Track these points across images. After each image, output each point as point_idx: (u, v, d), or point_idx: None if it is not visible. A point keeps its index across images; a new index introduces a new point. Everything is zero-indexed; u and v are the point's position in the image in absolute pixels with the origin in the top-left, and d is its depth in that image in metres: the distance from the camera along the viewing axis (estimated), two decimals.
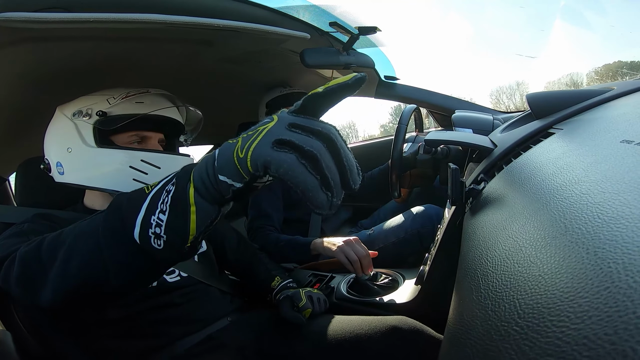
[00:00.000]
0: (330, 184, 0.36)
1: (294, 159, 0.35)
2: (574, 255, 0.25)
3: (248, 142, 0.37)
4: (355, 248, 1.05)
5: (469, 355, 0.29)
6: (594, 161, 0.39)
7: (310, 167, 0.35)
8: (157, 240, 0.43)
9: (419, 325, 0.75)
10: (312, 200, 0.35)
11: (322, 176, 0.35)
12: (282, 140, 0.36)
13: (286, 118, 0.38)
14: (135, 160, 0.77)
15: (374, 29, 1.10)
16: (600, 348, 0.18)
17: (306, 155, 0.35)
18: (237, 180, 0.39)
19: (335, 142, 0.37)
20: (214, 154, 0.41)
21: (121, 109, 0.79)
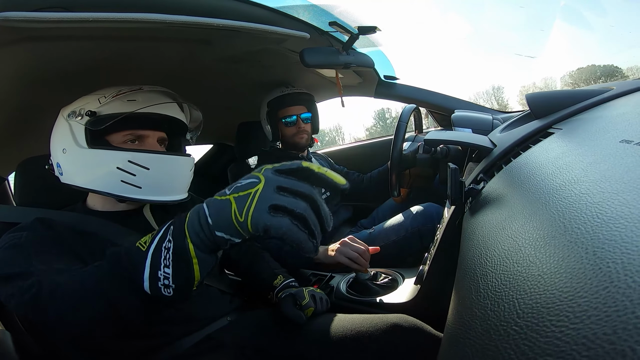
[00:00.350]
0: (315, 234, 0.46)
1: (288, 222, 0.44)
2: (573, 255, 0.25)
3: (245, 207, 0.45)
4: (352, 246, 1.07)
5: (468, 355, 0.29)
6: (593, 161, 0.39)
7: (300, 226, 0.44)
8: (166, 290, 0.50)
9: (420, 324, 0.76)
10: (303, 249, 0.45)
11: (310, 230, 0.45)
12: (276, 205, 0.44)
13: (273, 180, 0.46)
14: (122, 161, 0.74)
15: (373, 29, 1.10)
16: (599, 348, 0.18)
17: (297, 217, 0.44)
18: (236, 237, 0.48)
19: (316, 201, 0.46)
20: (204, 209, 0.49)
21: (111, 108, 0.76)
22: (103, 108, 0.76)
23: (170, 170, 0.79)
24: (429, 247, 0.99)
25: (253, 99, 1.57)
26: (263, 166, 0.50)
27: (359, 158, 2.07)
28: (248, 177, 0.49)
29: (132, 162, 0.74)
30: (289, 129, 1.50)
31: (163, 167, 0.78)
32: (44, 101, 0.88)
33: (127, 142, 0.79)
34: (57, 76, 0.94)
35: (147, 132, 0.81)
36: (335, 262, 1.08)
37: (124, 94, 0.78)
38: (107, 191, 0.75)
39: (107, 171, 0.74)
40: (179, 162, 0.81)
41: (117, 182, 0.74)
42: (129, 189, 0.74)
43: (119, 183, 0.74)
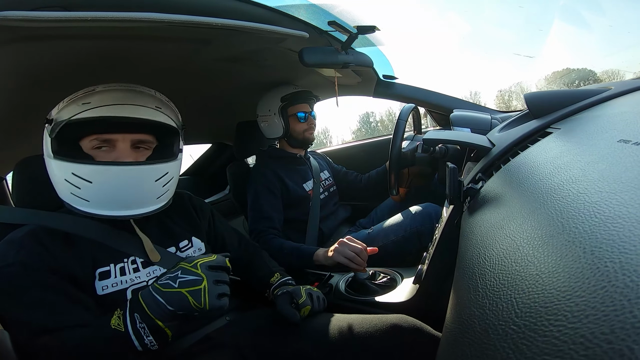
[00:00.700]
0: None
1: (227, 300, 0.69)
2: (571, 255, 0.25)
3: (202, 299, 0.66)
4: (350, 246, 1.07)
5: (467, 354, 0.29)
6: (591, 161, 0.39)
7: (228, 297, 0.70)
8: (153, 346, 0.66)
9: (419, 324, 0.76)
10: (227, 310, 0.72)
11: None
12: (220, 294, 0.68)
13: (211, 276, 0.68)
14: (67, 174, 0.70)
15: (372, 28, 1.10)
16: (597, 347, 0.18)
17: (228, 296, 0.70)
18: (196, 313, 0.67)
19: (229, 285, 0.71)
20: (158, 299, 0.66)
21: (66, 113, 0.71)
22: (60, 114, 0.72)
23: (121, 182, 0.72)
24: (428, 246, 0.99)
25: (252, 98, 1.56)
26: (196, 261, 0.69)
27: (357, 157, 2.07)
28: (187, 272, 0.68)
29: (75, 174, 0.69)
30: (301, 125, 1.51)
31: (109, 180, 0.70)
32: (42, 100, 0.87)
33: (95, 147, 0.74)
34: (55, 75, 0.94)
35: (113, 136, 0.74)
36: (335, 263, 1.09)
37: (78, 97, 0.73)
38: (66, 201, 0.73)
39: (60, 182, 0.72)
40: (134, 172, 0.73)
41: (68, 193, 0.72)
42: (79, 202, 0.72)
43: (69, 195, 0.72)
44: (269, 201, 1.39)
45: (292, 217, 1.45)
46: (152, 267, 0.79)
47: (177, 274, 0.67)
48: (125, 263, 0.77)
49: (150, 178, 0.75)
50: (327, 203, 1.57)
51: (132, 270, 0.77)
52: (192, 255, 0.87)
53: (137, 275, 0.77)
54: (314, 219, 1.47)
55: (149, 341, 0.65)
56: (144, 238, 0.80)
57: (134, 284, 0.76)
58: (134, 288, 0.75)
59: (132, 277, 0.76)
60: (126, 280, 0.75)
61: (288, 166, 1.52)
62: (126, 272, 0.76)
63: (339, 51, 1.15)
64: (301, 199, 1.46)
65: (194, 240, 0.90)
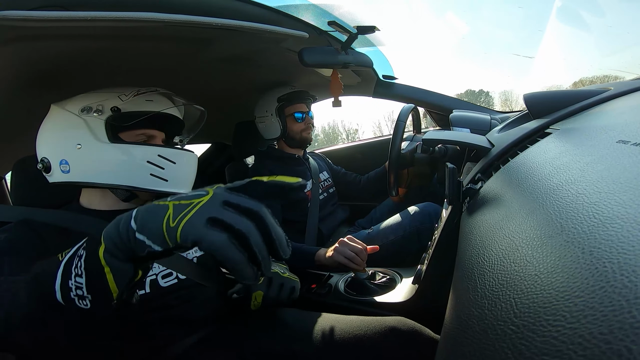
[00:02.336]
0: (258, 259, 0.39)
1: (224, 239, 0.38)
2: (569, 255, 0.25)
3: (181, 214, 0.40)
4: (350, 245, 1.07)
5: (466, 354, 0.29)
6: (590, 161, 0.39)
7: (239, 245, 0.38)
8: (82, 301, 0.45)
9: (417, 326, 0.76)
10: (239, 274, 0.39)
11: (251, 253, 0.39)
12: (215, 218, 0.39)
13: (221, 195, 0.41)
14: (153, 155, 0.77)
15: (372, 29, 1.10)
16: (595, 347, 0.18)
17: (237, 234, 0.39)
18: (158, 244, 0.41)
19: (265, 219, 0.41)
20: (130, 212, 0.44)
21: (134, 106, 0.79)
22: (126, 105, 0.78)
23: (188, 165, 0.83)
24: (427, 246, 0.99)
25: (251, 98, 1.56)
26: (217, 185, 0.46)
27: (357, 158, 2.07)
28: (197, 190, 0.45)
29: (162, 156, 0.78)
30: (298, 125, 1.51)
31: (185, 162, 0.81)
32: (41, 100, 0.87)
33: (139, 140, 0.81)
34: (54, 75, 0.93)
35: (156, 132, 0.84)
36: (335, 263, 1.09)
37: (143, 94, 0.81)
38: (132, 185, 0.76)
39: (136, 165, 0.76)
40: (193, 158, 0.85)
41: (145, 175, 0.77)
42: (156, 182, 0.77)
43: (148, 176, 0.77)
44: (268, 201, 1.39)
45: (290, 217, 1.45)
46: None
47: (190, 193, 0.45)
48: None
49: (193, 164, 0.86)
50: (326, 204, 1.57)
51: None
52: (193, 253, 0.87)
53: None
54: (313, 219, 1.47)
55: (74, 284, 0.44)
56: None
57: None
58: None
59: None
60: None
61: (286, 167, 1.52)
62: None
63: (338, 51, 1.15)
64: (299, 200, 1.46)
65: None
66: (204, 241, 0.38)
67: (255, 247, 0.39)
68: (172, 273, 0.81)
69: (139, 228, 0.42)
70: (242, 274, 0.39)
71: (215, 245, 0.38)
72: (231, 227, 0.38)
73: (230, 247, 0.38)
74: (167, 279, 0.80)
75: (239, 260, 0.38)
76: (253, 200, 0.42)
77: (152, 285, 0.77)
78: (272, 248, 0.41)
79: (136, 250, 0.42)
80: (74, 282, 0.44)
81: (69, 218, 0.76)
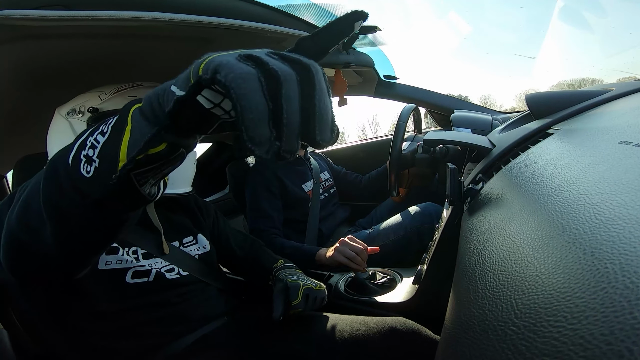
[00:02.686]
0: (282, 121, 0.28)
1: (250, 70, 0.28)
2: (570, 256, 0.25)
3: (216, 53, 0.31)
4: (351, 245, 1.07)
5: (466, 355, 0.29)
6: (591, 162, 0.39)
7: (266, 89, 0.28)
8: (87, 166, 0.38)
9: (417, 327, 0.76)
10: (250, 130, 0.27)
11: (277, 106, 0.28)
12: (250, 55, 0.30)
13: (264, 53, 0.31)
14: None
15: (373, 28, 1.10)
16: (596, 348, 0.18)
17: (268, 74, 0.28)
18: (182, 88, 0.33)
19: (314, 76, 0.30)
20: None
21: (113, 104, 0.77)
22: (105, 104, 0.76)
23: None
24: (428, 246, 0.99)
25: None
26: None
27: (357, 158, 2.07)
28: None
29: None
30: None
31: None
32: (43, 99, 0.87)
33: None
34: (56, 74, 0.94)
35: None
36: (336, 262, 1.09)
37: (125, 90, 0.78)
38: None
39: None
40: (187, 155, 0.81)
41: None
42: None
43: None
44: (269, 201, 1.40)
45: (291, 217, 1.45)
46: (153, 259, 0.79)
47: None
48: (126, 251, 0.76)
49: (191, 160, 0.84)
50: (326, 204, 1.57)
51: (133, 259, 0.76)
52: (196, 251, 0.88)
53: (138, 262, 0.76)
54: (313, 219, 1.47)
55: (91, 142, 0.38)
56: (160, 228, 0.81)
57: (137, 267, 0.75)
58: (135, 270, 0.74)
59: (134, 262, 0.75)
60: (131, 260, 0.74)
61: (287, 166, 1.52)
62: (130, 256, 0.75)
63: (340, 51, 1.15)
64: (300, 200, 1.46)
65: (200, 237, 0.90)
66: (226, 67, 0.28)
67: (285, 101, 0.28)
68: (175, 269, 0.81)
69: (175, 81, 0.35)
70: (254, 130, 0.28)
71: (235, 72, 0.28)
72: (265, 64, 0.28)
73: (254, 81, 0.28)
74: (170, 274, 0.80)
75: (257, 106, 0.27)
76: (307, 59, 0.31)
77: (156, 276, 0.77)
78: (308, 121, 0.29)
79: (165, 103, 0.35)
80: (94, 139, 0.38)
81: None
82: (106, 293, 0.69)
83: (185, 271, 0.82)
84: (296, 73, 0.29)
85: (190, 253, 0.86)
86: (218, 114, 0.34)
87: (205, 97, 0.33)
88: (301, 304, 0.82)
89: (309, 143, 0.30)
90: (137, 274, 0.75)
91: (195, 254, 0.87)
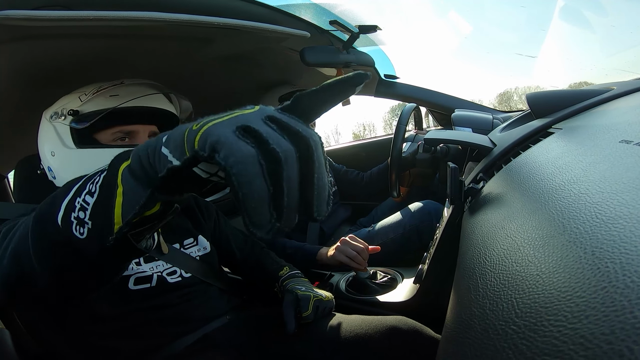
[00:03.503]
0: (282, 203, 0.28)
1: (251, 152, 0.27)
2: (571, 255, 0.25)
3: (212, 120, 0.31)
4: (352, 244, 1.07)
5: (467, 354, 0.29)
6: (592, 161, 0.39)
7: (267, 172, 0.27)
8: (79, 228, 0.38)
9: (419, 326, 0.76)
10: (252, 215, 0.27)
11: (277, 189, 0.28)
12: (248, 127, 0.29)
13: (268, 110, 0.32)
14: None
15: (374, 28, 1.10)
16: (597, 347, 0.18)
17: (269, 154, 0.27)
18: (176, 156, 0.32)
19: (314, 152, 0.29)
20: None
21: (93, 105, 0.73)
22: (85, 106, 0.73)
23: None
24: (428, 245, 0.99)
25: (253, 97, 1.57)
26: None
27: (358, 157, 2.07)
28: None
29: None
30: None
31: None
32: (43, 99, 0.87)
33: (116, 139, 0.75)
34: (56, 74, 0.94)
35: (136, 128, 0.76)
36: (337, 262, 1.09)
37: (106, 90, 0.75)
38: None
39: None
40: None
41: None
42: None
43: None
44: None
45: None
46: (155, 262, 0.79)
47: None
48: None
49: None
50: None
51: (135, 264, 0.76)
52: (197, 253, 0.87)
53: (139, 268, 0.76)
54: None
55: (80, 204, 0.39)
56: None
57: (138, 273, 0.75)
58: (137, 277, 0.74)
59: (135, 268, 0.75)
60: (131, 268, 0.74)
61: None
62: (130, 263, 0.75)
63: (340, 51, 1.15)
64: None
65: (200, 239, 0.90)
66: (225, 146, 0.27)
67: (286, 183, 0.27)
68: (177, 271, 0.81)
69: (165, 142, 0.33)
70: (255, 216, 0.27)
71: (236, 155, 0.27)
72: (265, 143, 0.28)
73: (254, 166, 0.27)
74: (172, 276, 0.80)
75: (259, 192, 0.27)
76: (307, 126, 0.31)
77: (158, 281, 0.77)
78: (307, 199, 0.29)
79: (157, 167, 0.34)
80: (82, 200, 0.38)
81: None
82: (107, 298, 0.68)
83: (187, 273, 0.82)
84: (296, 148, 0.29)
85: (191, 255, 0.86)
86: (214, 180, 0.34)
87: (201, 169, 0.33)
88: (311, 315, 0.82)
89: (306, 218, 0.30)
90: (139, 281, 0.74)
91: (196, 255, 0.87)
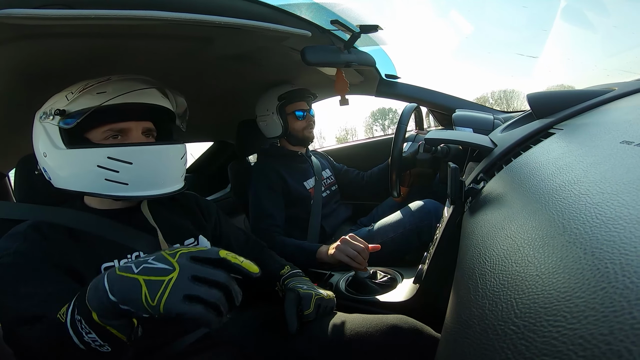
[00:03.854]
0: (224, 315, 0.49)
1: (201, 310, 0.46)
2: (571, 255, 0.25)
3: (158, 293, 0.46)
4: (352, 244, 1.06)
5: (466, 354, 0.29)
6: (593, 162, 0.39)
7: (212, 310, 0.47)
8: (103, 347, 0.52)
9: (419, 325, 0.76)
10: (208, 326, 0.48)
11: (219, 312, 0.48)
12: (191, 296, 0.46)
13: (188, 269, 0.47)
14: (102, 158, 0.68)
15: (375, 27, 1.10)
16: (595, 348, 0.18)
17: (211, 306, 0.47)
18: (144, 314, 0.48)
19: (231, 288, 0.50)
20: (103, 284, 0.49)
21: (80, 104, 0.71)
22: (72, 105, 0.71)
23: (157, 161, 0.74)
24: (428, 244, 0.99)
25: (253, 96, 1.57)
26: (178, 250, 0.50)
27: (359, 157, 2.07)
28: (160, 259, 0.49)
29: (112, 158, 0.69)
30: (300, 123, 1.51)
31: (148, 159, 0.72)
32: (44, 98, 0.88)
33: (108, 137, 0.74)
34: (57, 73, 0.94)
35: (128, 125, 0.75)
36: (337, 261, 1.09)
37: (92, 87, 0.73)
38: (94, 192, 0.70)
39: (88, 170, 0.69)
40: (166, 152, 0.75)
41: (101, 180, 0.69)
42: (115, 187, 0.70)
43: (104, 182, 0.69)
44: (271, 199, 1.40)
45: (293, 214, 1.45)
46: None
47: (148, 259, 0.50)
48: (129, 259, 0.75)
49: (177, 156, 0.78)
50: (328, 201, 1.57)
51: None
52: None
53: None
54: (315, 216, 1.47)
55: (90, 339, 0.51)
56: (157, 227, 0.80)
57: None
58: None
59: None
60: None
61: (289, 164, 1.52)
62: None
63: (341, 50, 1.14)
64: (302, 197, 1.47)
65: (201, 239, 0.90)
66: (187, 315, 0.46)
67: (223, 309, 0.48)
68: None
69: (120, 301, 0.48)
70: (212, 326, 0.48)
71: (195, 317, 0.46)
72: (206, 302, 0.47)
73: (207, 314, 0.46)
74: None
75: (212, 320, 0.47)
76: (220, 272, 0.49)
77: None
78: (231, 304, 0.50)
79: (126, 314, 0.50)
80: (89, 338, 0.51)
81: (70, 216, 0.75)
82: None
83: None
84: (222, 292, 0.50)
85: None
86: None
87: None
88: (313, 313, 0.83)
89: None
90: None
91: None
